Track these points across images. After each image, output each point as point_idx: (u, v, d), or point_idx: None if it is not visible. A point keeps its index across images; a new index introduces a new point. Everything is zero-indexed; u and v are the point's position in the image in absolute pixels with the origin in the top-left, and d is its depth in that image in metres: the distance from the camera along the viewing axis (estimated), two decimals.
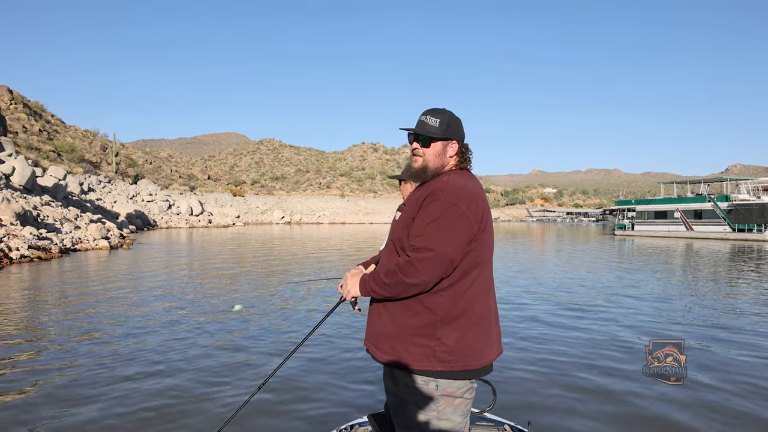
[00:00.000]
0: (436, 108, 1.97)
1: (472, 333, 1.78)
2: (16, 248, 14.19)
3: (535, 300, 9.30)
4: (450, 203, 1.75)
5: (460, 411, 1.80)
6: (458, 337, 1.76)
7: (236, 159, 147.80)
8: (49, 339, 6.13)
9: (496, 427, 2.60)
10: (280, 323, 7.09)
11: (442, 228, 1.73)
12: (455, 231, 1.74)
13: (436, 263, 1.70)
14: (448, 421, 1.78)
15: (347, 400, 4.27)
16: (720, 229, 35.37)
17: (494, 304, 1.93)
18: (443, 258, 1.71)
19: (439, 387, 1.76)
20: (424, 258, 1.70)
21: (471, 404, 1.87)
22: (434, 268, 1.71)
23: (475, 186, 1.88)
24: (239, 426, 3.66)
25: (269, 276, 13.02)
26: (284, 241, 28.49)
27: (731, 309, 8.75)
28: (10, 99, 53.09)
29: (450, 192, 1.78)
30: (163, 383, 4.60)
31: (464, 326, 1.78)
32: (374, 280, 1.84)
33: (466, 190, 1.81)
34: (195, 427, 3.73)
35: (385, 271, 1.80)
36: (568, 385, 4.67)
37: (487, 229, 1.86)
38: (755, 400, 4.37)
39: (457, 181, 1.84)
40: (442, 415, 1.78)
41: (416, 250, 1.73)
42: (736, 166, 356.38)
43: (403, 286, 1.74)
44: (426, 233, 1.74)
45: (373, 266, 2.06)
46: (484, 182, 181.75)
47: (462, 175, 1.90)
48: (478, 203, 1.81)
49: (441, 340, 1.75)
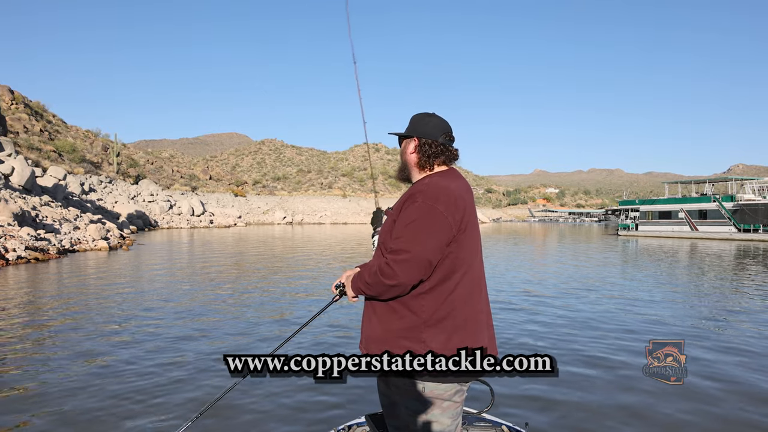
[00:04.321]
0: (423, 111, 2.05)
1: (459, 336, 1.79)
2: (12, 249, 14.05)
3: (535, 300, 9.21)
4: (428, 205, 1.77)
5: (449, 414, 1.81)
6: (444, 340, 1.77)
7: (238, 159, 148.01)
8: (36, 341, 6.01)
9: (494, 427, 2.61)
10: (281, 327, 6.95)
11: (419, 230, 1.75)
12: (432, 232, 1.75)
13: (413, 265, 1.72)
14: (437, 424, 1.80)
15: (344, 400, 4.26)
16: (725, 229, 35.10)
17: (484, 306, 1.92)
18: (419, 259, 1.72)
19: (426, 389, 1.78)
20: (400, 260, 1.73)
21: (461, 407, 1.88)
22: (411, 270, 1.72)
23: (458, 187, 1.87)
24: (237, 427, 3.70)
25: (271, 281, 12.85)
26: (285, 242, 28.35)
27: (732, 309, 8.74)
28: (11, 99, 53.08)
29: (428, 194, 1.80)
30: (160, 384, 4.50)
31: (449, 329, 1.78)
32: (360, 279, 1.89)
33: (446, 191, 1.81)
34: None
35: (369, 271, 1.85)
36: (567, 385, 4.68)
37: (469, 231, 1.84)
38: (755, 400, 4.39)
39: (439, 183, 1.85)
40: (432, 417, 1.79)
41: (393, 252, 1.76)
42: (739, 166, 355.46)
43: (383, 286, 1.77)
44: (403, 235, 1.77)
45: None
46: (486, 182, 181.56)
47: (445, 176, 1.91)
48: (458, 204, 1.81)
49: (426, 343, 1.76)
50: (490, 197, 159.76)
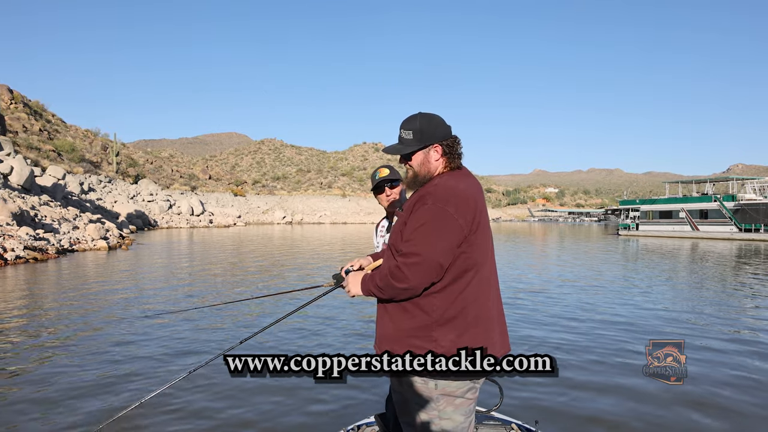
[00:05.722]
0: (409, 117, 1.93)
1: (470, 334, 1.79)
2: (11, 249, 13.98)
3: (538, 299, 9.16)
4: (438, 207, 1.75)
5: (461, 411, 1.82)
6: (454, 338, 1.77)
7: (237, 159, 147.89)
8: (34, 341, 5.96)
9: (504, 426, 2.59)
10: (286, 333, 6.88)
11: (430, 232, 1.73)
12: (443, 235, 1.73)
13: (424, 268, 1.72)
14: (449, 421, 1.80)
15: (354, 400, 4.26)
16: (726, 229, 35.03)
17: (496, 304, 1.92)
18: (430, 263, 1.72)
19: (438, 387, 1.79)
20: (411, 263, 1.72)
21: (475, 404, 1.88)
22: (422, 273, 1.72)
23: (467, 186, 1.85)
24: (252, 427, 3.74)
25: (271, 280, 12.78)
26: (285, 242, 28.28)
27: (732, 309, 8.72)
28: (10, 98, 52.99)
29: (438, 196, 1.78)
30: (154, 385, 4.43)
31: (460, 327, 1.79)
32: (372, 282, 1.88)
33: (455, 192, 1.80)
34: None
35: (380, 275, 1.85)
36: (573, 384, 4.72)
37: (481, 230, 1.82)
38: (755, 400, 4.39)
39: (448, 183, 1.83)
40: (444, 414, 1.80)
41: (404, 255, 1.75)
42: (738, 165, 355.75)
43: (394, 290, 1.78)
44: (413, 238, 1.75)
45: (380, 261, 2.10)
46: (486, 182, 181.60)
47: (454, 176, 1.88)
48: (468, 204, 1.79)
49: (437, 341, 1.77)
50: (489, 197, 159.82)
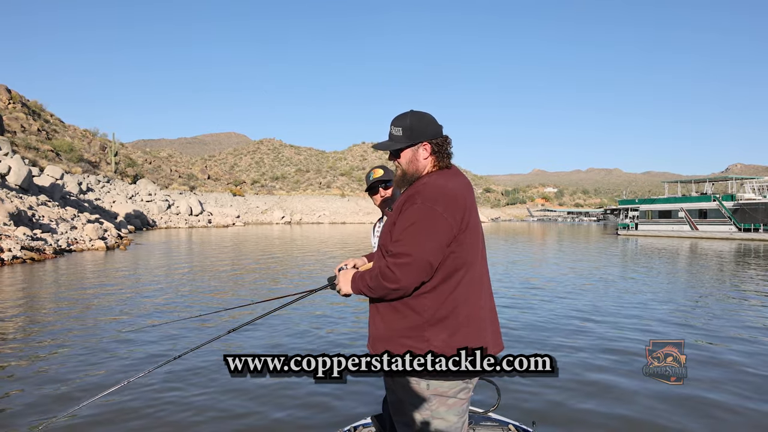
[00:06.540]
0: (399, 114, 1.94)
1: (461, 334, 1.78)
2: (8, 249, 13.90)
3: (537, 300, 9.12)
4: (426, 206, 1.74)
5: (454, 411, 1.81)
6: (446, 338, 1.77)
7: (236, 159, 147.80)
8: (32, 340, 5.91)
9: (501, 426, 2.59)
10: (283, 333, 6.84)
11: (419, 232, 1.73)
12: (432, 235, 1.73)
13: (414, 268, 1.72)
14: (442, 421, 1.80)
15: (351, 401, 4.23)
16: (725, 228, 35.02)
17: (488, 303, 1.91)
18: (420, 262, 1.72)
19: (430, 387, 1.79)
20: (401, 263, 1.72)
21: (468, 404, 1.88)
22: (412, 273, 1.72)
23: (456, 186, 1.84)
24: (248, 426, 3.74)
25: (271, 281, 12.73)
26: (284, 242, 28.21)
27: (732, 309, 8.70)
28: (8, 98, 52.86)
29: (426, 195, 1.77)
30: (153, 386, 4.41)
31: (452, 327, 1.78)
32: (362, 281, 1.88)
33: (444, 191, 1.79)
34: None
35: (370, 274, 1.84)
36: (571, 384, 4.71)
37: (470, 229, 1.82)
38: (755, 400, 4.37)
39: (437, 182, 1.83)
40: (436, 414, 1.80)
41: (393, 256, 1.75)
42: (737, 165, 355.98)
43: (385, 290, 1.78)
44: (403, 238, 1.75)
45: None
46: (485, 182, 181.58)
47: (443, 175, 1.88)
48: (457, 203, 1.78)
49: (429, 341, 1.76)
50: (488, 197, 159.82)
